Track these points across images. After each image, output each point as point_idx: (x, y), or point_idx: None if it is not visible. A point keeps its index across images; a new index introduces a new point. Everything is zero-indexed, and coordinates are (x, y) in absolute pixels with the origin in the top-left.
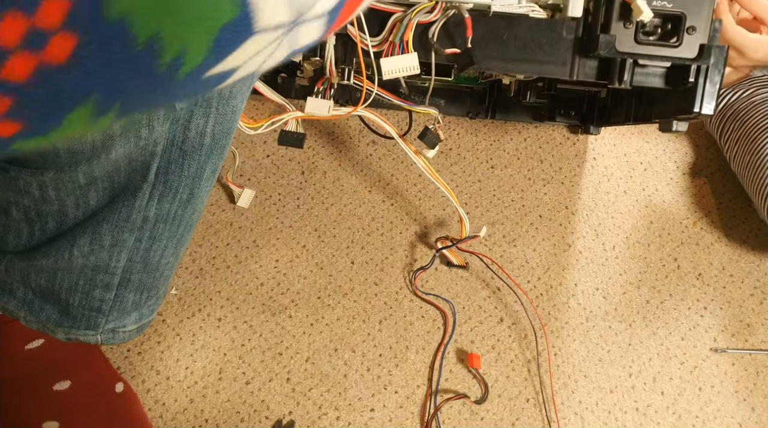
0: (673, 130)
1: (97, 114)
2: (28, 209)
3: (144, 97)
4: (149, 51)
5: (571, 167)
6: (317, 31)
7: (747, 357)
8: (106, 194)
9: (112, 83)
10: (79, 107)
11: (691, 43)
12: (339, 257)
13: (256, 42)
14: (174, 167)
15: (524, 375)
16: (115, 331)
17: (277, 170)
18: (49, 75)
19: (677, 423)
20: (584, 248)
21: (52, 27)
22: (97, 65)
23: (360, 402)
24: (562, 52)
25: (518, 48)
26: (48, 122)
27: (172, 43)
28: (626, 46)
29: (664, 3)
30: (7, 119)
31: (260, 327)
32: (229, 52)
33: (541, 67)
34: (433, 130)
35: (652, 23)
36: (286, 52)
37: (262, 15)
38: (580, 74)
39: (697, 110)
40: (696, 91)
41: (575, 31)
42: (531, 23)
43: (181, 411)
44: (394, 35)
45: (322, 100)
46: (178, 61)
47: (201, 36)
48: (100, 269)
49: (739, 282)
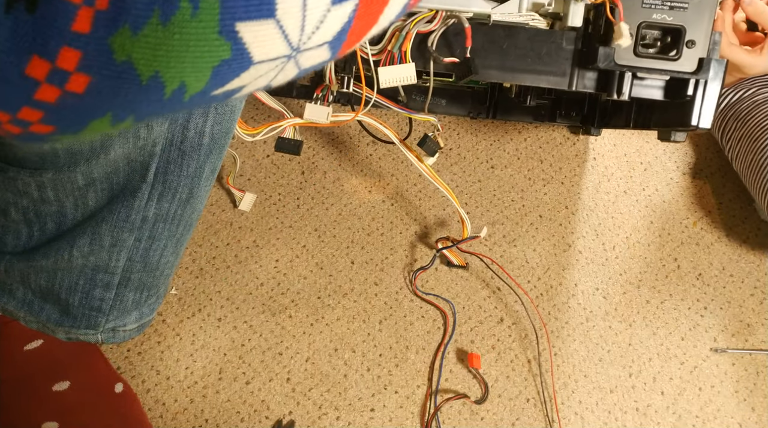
0: (671, 140)
1: (115, 123)
2: (26, 209)
3: (155, 113)
4: (154, 84)
5: (571, 167)
6: (322, 56)
7: (747, 357)
8: (105, 195)
9: (125, 106)
10: (98, 119)
11: (690, 57)
12: (339, 257)
13: (257, 70)
14: (173, 166)
15: (524, 375)
16: (116, 330)
17: (277, 170)
18: (72, 100)
19: (677, 423)
20: (584, 248)
21: (70, 68)
22: (110, 94)
23: (360, 402)
24: (561, 62)
25: (518, 58)
26: (73, 128)
27: (172, 79)
28: (625, 58)
29: (664, 16)
30: (41, 123)
31: (260, 327)
32: (229, 80)
33: (540, 77)
34: (433, 137)
35: (651, 36)
36: (294, 72)
37: (258, 51)
38: (579, 85)
39: (695, 123)
40: (694, 104)
41: (575, 42)
42: (531, 33)
43: (181, 411)
44: (392, 45)
45: (321, 106)
46: (182, 89)
47: (198, 72)
48: (100, 268)
49: (739, 282)
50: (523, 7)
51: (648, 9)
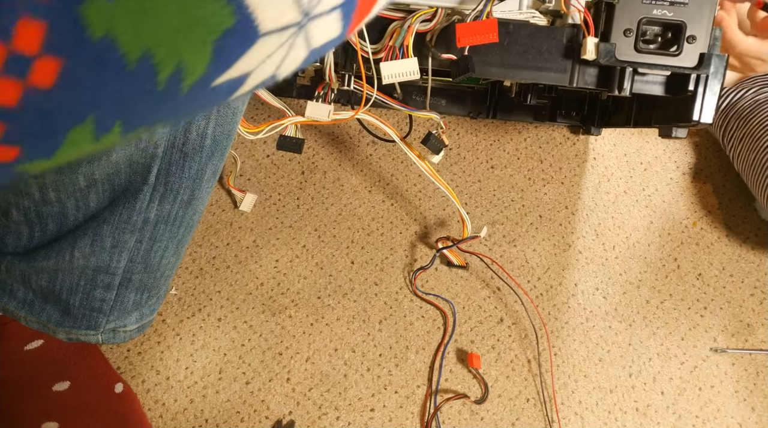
0: (672, 136)
1: (99, 133)
2: (28, 210)
3: (148, 114)
4: (143, 68)
5: (571, 167)
6: (334, 27)
7: (747, 357)
8: (107, 196)
9: (109, 103)
10: (77, 128)
11: (691, 52)
12: (339, 257)
13: (264, 45)
14: (175, 168)
15: (524, 375)
16: (116, 331)
17: (277, 170)
18: (38, 99)
19: (677, 423)
20: (584, 248)
21: (32, 52)
22: (89, 87)
23: (360, 402)
24: (562, 59)
25: (518, 54)
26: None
27: (166, 59)
28: (626, 54)
29: (665, 12)
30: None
31: (260, 327)
32: (233, 60)
33: (540, 74)
34: (437, 135)
35: (652, 32)
36: (304, 52)
37: (266, 17)
38: (579, 82)
39: (696, 118)
40: (695, 99)
41: (576, 38)
42: (531, 30)
43: (181, 411)
44: (394, 40)
45: (322, 104)
46: (178, 75)
47: (197, 48)
48: (101, 269)
49: (739, 282)
50: (524, 5)
51: (648, 5)
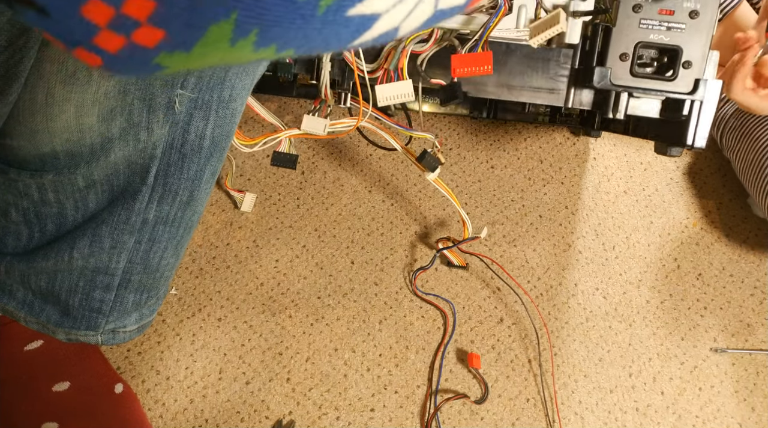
0: (667, 154)
1: (237, 36)
2: (27, 211)
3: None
4: None
5: (571, 167)
6: None
7: (747, 357)
8: (106, 197)
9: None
10: (219, 23)
11: (687, 77)
12: (339, 257)
13: None
14: (173, 169)
15: (524, 375)
16: (116, 331)
17: (277, 170)
18: None
19: (677, 423)
20: (584, 248)
21: None
22: None
23: (360, 402)
24: (557, 80)
25: (514, 74)
26: (189, 34)
27: None
28: (622, 78)
29: (661, 37)
30: (150, 24)
31: (260, 327)
32: None
33: (536, 94)
34: (432, 153)
35: (648, 56)
36: (431, 9)
37: None
38: (575, 103)
39: (689, 142)
40: (689, 124)
41: (572, 60)
42: (527, 51)
43: (181, 411)
44: (388, 63)
45: (318, 118)
46: None
47: None
48: (100, 270)
49: (739, 282)
50: (521, 24)
51: (645, 29)
